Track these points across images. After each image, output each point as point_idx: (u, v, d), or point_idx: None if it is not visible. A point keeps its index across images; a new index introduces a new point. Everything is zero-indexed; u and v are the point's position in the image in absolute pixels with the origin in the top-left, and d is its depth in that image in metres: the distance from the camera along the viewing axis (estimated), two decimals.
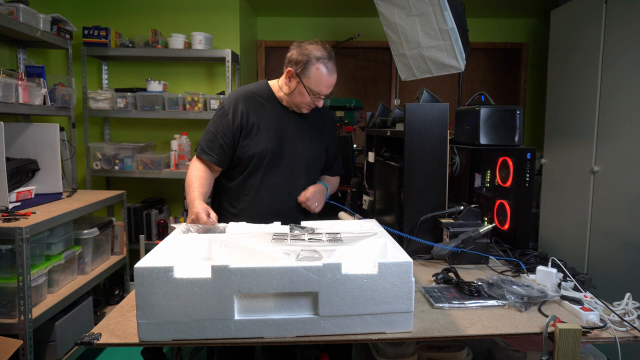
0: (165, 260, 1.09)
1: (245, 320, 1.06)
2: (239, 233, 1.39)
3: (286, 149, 1.83)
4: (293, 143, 1.84)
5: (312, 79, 1.71)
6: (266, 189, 1.81)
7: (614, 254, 2.65)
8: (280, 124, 1.83)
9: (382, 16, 2.83)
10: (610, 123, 2.72)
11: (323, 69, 1.70)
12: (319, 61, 1.70)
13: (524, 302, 1.23)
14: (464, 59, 2.52)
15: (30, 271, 2.06)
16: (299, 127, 1.86)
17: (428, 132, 1.65)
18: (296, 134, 1.85)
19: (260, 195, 1.81)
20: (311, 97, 1.75)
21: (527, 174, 1.72)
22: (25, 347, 2.02)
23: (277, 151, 1.80)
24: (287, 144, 1.83)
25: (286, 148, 1.83)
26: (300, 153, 1.85)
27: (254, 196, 1.81)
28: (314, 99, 1.76)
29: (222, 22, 3.59)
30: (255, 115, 1.80)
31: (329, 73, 1.72)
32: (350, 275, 1.05)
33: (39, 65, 2.79)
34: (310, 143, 1.87)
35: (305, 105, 1.79)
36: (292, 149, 1.83)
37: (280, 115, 1.84)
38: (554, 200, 3.30)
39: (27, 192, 2.47)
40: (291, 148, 1.83)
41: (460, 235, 1.58)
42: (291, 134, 1.84)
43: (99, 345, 1.07)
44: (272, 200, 1.81)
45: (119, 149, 3.38)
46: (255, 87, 1.89)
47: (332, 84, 1.75)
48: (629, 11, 2.59)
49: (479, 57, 4.42)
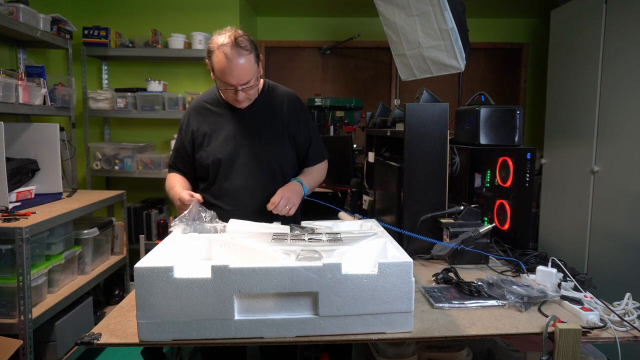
0: (165, 260, 1.09)
1: (245, 320, 1.06)
2: (239, 233, 1.39)
3: (242, 151, 1.74)
4: (249, 143, 1.74)
5: (216, 68, 1.60)
6: (226, 197, 1.75)
7: (614, 254, 2.65)
8: (231, 127, 1.75)
9: (382, 16, 2.83)
10: (610, 123, 2.72)
11: (221, 56, 1.55)
12: (219, 48, 1.56)
13: (524, 302, 1.23)
14: (464, 59, 2.52)
15: (30, 271, 2.06)
16: (253, 125, 1.76)
17: (428, 132, 1.65)
18: (251, 132, 1.75)
19: (222, 204, 1.76)
20: (228, 89, 1.63)
21: (527, 174, 1.72)
22: (25, 347, 2.02)
23: (231, 156, 1.73)
24: (243, 146, 1.74)
25: (242, 150, 1.74)
26: (258, 152, 1.75)
27: (221, 204, 1.77)
28: (232, 91, 1.63)
29: (222, 22, 3.56)
30: (205, 125, 1.76)
31: (227, 60, 1.55)
32: (350, 275, 1.05)
33: (39, 65, 2.79)
34: (269, 138, 1.76)
35: (232, 100, 1.69)
36: (248, 150, 1.74)
37: (229, 117, 1.76)
38: (554, 200, 3.30)
39: (27, 192, 2.47)
40: (247, 149, 1.74)
41: (460, 235, 1.58)
42: (246, 135, 1.75)
43: (99, 345, 1.07)
44: (233, 208, 1.73)
45: (119, 149, 3.38)
46: (206, 94, 1.84)
47: (237, 73, 1.57)
48: (629, 11, 2.59)
49: (479, 57, 4.42)
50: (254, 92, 1.71)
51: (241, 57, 1.57)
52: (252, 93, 1.69)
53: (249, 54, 1.59)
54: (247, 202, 1.75)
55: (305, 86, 4.47)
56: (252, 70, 1.62)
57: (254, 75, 1.64)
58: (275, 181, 1.78)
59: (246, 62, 1.58)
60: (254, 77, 1.64)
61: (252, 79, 1.63)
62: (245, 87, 1.64)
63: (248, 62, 1.59)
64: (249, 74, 1.61)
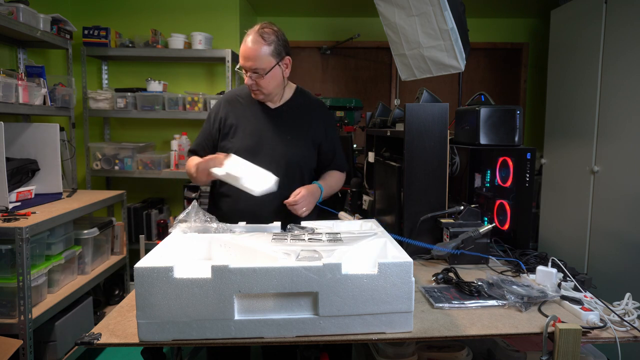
0: (165, 260, 1.09)
1: (245, 320, 1.06)
2: (239, 233, 1.39)
3: (264, 147, 1.77)
4: (273, 141, 1.78)
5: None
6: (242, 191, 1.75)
7: (614, 254, 2.65)
8: (259, 123, 1.80)
9: (382, 16, 2.83)
10: (610, 123, 2.72)
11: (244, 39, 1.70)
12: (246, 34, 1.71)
13: (524, 302, 1.23)
14: (464, 59, 2.52)
15: (30, 271, 2.06)
16: (280, 124, 1.81)
17: (428, 132, 1.65)
18: (276, 131, 1.79)
19: (236, 197, 1.77)
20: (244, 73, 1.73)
21: (527, 174, 1.72)
22: (25, 347, 2.02)
23: (253, 150, 1.76)
24: (266, 143, 1.78)
25: (264, 147, 1.77)
26: (280, 151, 1.78)
27: (232, 198, 1.79)
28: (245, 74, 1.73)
29: (222, 22, 3.59)
30: (234, 117, 1.82)
31: (244, 42, 1.69)
32: (350, 275, 1.05)
33: (39, 65, 2.79)
34: (293, 140, 1.80)
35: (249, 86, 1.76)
36: (271, 148, 1.78)
37: (259, 114, 1.81)
38: (554, 200, 3.30)
39: (27, 192, 2.47)
40: (270, 147, 1.78)
41: (460, 235, 1.58)
42: (271, 132, 1.79)
43: (99, 345, 1.07)
44: (247, 203, 1.74)
45: (119, 149, 3.38)
46: (239, 88, 1.91)
47: (245, 54, 1.68)
48: (629, 11, 2.59)
49: (479, 57, 4.42)
50: (266, 84, 1.73)
51: (255, 42, 1.67)
52: (263, 84, 1.72)
53: (265, 43, 1.67)
54: (265, 198, 1.74)
55: (305, 86, 4.41)
56: (262, 58, 1.68)
57: (264, 64, 1.68)
58: (293, 182, 1.80)
59: (257, 47, 1.66)
60: (263, 67, 1.69)
61: (260, 66, 1.68)
62: (255, 75, 1.69)
63: (260, 48, 1.67)
64: (257, 61, 1.67)
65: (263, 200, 1.74)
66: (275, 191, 1.69)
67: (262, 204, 1.75)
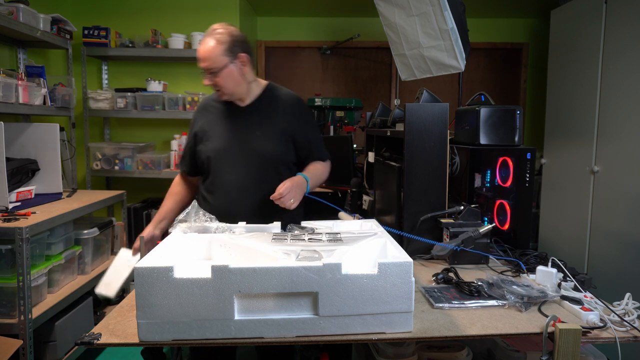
0: (165, 260, 1.09)
1: (245, 320, 1.05)
2: (239, 233, 1.39)
3: (236, 147, 1.78)
4: (243, 140, 1.79)
5: None
6: (217, 191, 1.80)
7: (614, 254, 2.65)
8: (230, 123, 1.82)
9: (382, 16, 2.83)
10: (610, 123, 2.72)
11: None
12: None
13: (524, 302, 1.23)
14: (464, 59, 2.52)
15: (30, 271, 2.06)
16: (250, 122, 1.81)
17: (428, 132, 1.65)
18: (247, 129, 1.80)
19: (214, 198, 1.80)
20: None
21: (527, 174, 1.72)
22: (25, 347, 2.02)
23: (225, 151, 1.78)
24: (237, 142, 1.79)
25: (236, 146, 1.78)
26: (251, 148, 1.78)
27: (211, 199, 1.82)
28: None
29: (222, 22, 3.58)
30: (207, 122, 1.85)
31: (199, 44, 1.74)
32: (350, 275, 1.05)
33: (39, 65, 2.79)
34: (263, 135, 1.80)
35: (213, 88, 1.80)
36: (241, 146, 1.78)
37: (230, 114, 1.83)
38: (554, 200, 3.30)
39: (27, 192, 2.47)
40: (241, 145, 1.78)
41: (460, 235, 1.58)
42: (242, 131, 1.80)
43: (99, 345, 1.07)
44: (223, 202, 1.76)
45: (119, 149, 3.38)
46: (214, 94, 1.92)
47: (199, 55, 1.72)
48: (629, 11, 2.59)
49: (479, 57, 4.42)
50: (224, 83, 1.74)
51: (207, 42, 1.70)
52: (220, 83, 1.74)
53: (218, 43, 1.69)
54: (237, 197, 1.77)
55: (305, 86, 4.47)
56: (214, 57, 1.69)
57: (216, 63, 1.70)
58: (268, 179, 1.78)
59: (209, 47, 1.69)
60: (216, 66, 1.70)
61: (212, 66, 1.70)
62: (211, 75, 1.72)
63: (212, 48, 1.69)
64: (209, 61, 1.70)
65: (234, 198, 1.76)
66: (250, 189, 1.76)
67: (235, 202, 1.76)
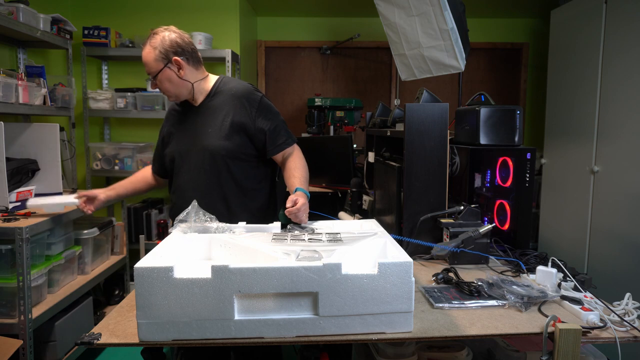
0: (165, 260, 1.09)
1: (245, 320, 1.06)
2: (239, 233, 1.39)
3: (191, 147, 1.81)
4: (197, 138, 1.81)
5: None
6: (178, 191, 1.85)
7: (614, 254, 2.65)
8: (184, 124, 1.86)
9: (382, 16, 2.83)
10: (610, 123, 2.72)
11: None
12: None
13: (524, 302, 1.23)
14: (464, 59, 2.52)
15: (30, 271, 2.06)
16: (203, 120, 1.83)
17: (428, 132, 1.65)
18: (200, 127, 1.82)
19: (175, 198, 1.87)
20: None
21: (527, 174, 1.72)
22: (25, 347, 2.02)
23: (182, 152, 1.83)
24: (192, 142, 1.82)
25: (191, 146, 1.81)
26: (203, 146, 1.79)
27: (173, 200, 1.89)
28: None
29: (222, 22, 3.59)
30: (170, 126, 1.91)
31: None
32: (350, 275, 1.05)
33: (39, 65, 2.79)
34: (213, 132, 1.79)
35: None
36: (195, 145, 1.81)
37: (187, 116, 1.87)
38: (554, 200, 3.30)
39: (27, 192, 2.47)
40: (194, 144, 1.81)
41: (460, 235, 1.58)
42: (195, 130, 1.82)
43: (99, 345, 1.07)
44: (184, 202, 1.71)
45: (119, 149, 3.38)
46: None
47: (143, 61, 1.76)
48: (629, 11, 2.59)
49: (479, 57, 4.42)
50: (164, 86, 1.78)
51: (145, 48, 1.75)
52: (161, 87, 1.79)
53: (151, 49, 1.73)
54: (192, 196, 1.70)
55: (305, 86, 4.47)
56: (150, 63, 1.74)
57: (153, 68, 1.74)
58: (220, 174, 1.78)
59: (146, 53, 1.74)
60: (153, 70, 1.75)
61: (151, 70, 1.75)
62: (155, 80, 1.77)
63: (146, 54, 1.74)
64: (147, 65, 1.75)
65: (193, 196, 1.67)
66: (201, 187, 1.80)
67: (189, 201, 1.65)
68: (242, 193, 1.82)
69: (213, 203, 1.76)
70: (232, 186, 1.80)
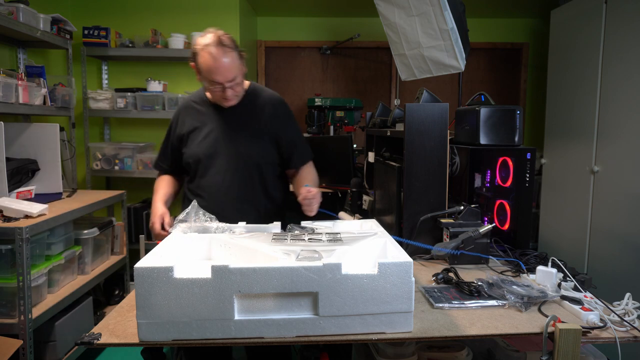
0: (165, 260, 1.09)
1: (245, 320, 1.06)
2: (239, 233, 1.39)
3: (222, 149, 1.79)
4: (228, 142, 1.79)
5: (202, 69, 1.68)
6: (204, 193, 1.81)
7: (614, 254, 2.65)
8: (213, 125, 1.81)
9: (382, 16, 2.83)
10: (610, 123, 2.72)
11: (206, 56, 1.64)
12: (204, 49, 1.65)
13: (524, 302, 1.23)
14: (464, 59, 2.52)
15: (30, 271, 2.05)
16: (234, 123, 1.81)
17: (428, 132, 1.65)
18: (231, 131, 1.80)
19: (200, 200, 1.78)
20: (215, 88, 1.70)
21: (527, 174, 1.72)
22: (25, 347, 2.02)
23: (210, 153, 1.79)
24: (222, 144, 1.79)
25: (221, 148, 1.79)
26: (236, 150, 1.79)
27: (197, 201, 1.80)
28: (220, 89, 1.70)
29: (222, 22, 3.59)
30: (191, 123, 1.84)
31: (213, 59, 1.63)
32: (350, 275, 1.05)
33: (39, 65, 2.79)
34: (248, 137, 1.80)
35: (219, 98, 1.75)
36: (227, 148, 1.79)
37: (213, 116, 1.82)
38: (554, 200, 3.30)
39: (27, 192, 2.47)
40: (226, 147, 1.79)
41: (460, 235, 1.58)
42: (226, 133, 1.80)
43: (99, 345, 1.07)
44: (210, 204, 1.74)
45: (119, 149, 3.38)
46: (194, 94, 1.92)
47: (223, 71, 1.65)
48: (629, 11, 2.59)
49: (479, 57, 4.42)
50: (241, 88, 1.77)
51: (226, 55, 1.65)
52: (239, 90, 1.76)
53: (232, 51, 1.67)
54: (222, 198, 1.78)
55: (305, 86, 4.47)
56: (237, 66, 1.70)
57: (239, 71, 1.72)
58: (252, 180, 1.81)
59: (231, 59, 1.66)
60: (239, 74, 1.72)
61: (237, 75, 1.70)
62: (232, 83, 1.70)
63: (232, 59, 1.67)
64: (234, 71, 1.69)
65: (220, 200, 1.77)
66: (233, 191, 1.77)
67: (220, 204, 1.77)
68: (269, 199, 1.86)
69: (244, 208, 1.77)
70: (261, 192, 1.83)
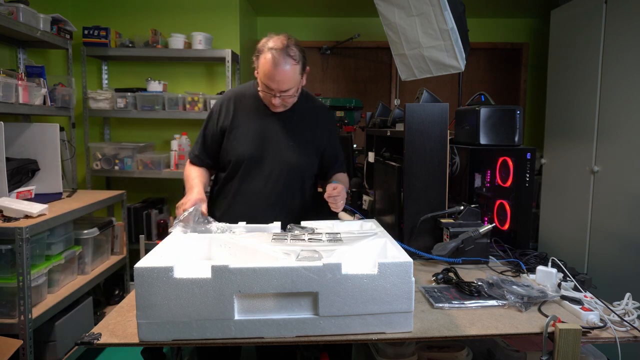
0: (165, 260, 1.09)
1: (245, 320, 1.06)
2: (239, 233, 1.39)
3: (268, 153, 1.72)
4: (276, 147, 1.73)
5: (260, 69, 1.61)
6: (242, 196, 1.75)
7: (614, 254, 2.65)
8: (262, 126, 1.73)
9: (382, 16, 2.83)
10: (610, 123, 2.72)
11: (268, 58, 1.56)
12: (269, 51, 1.57)
13: (524, 302, 1.23)
14: (464, 59, 2.52)
15: (30, 271, 2.05)
16: (284, 129, 1.74)
17: (428, 132, 1.65)
18: (280, 136, 1.73)
19: (236, 202, 1.76)
20: (267, 92, 1.63)
21: (527, 174, 1.72)
22: (25, 347, 2.02)
23: (256, 156, 1.72)
24: (269, 148, 1.73)
25: (268, 153, 1.72)
26: (282, 158, 1.73)
27: (230, 202, 1.77)
28: (271, 95, 1.63)
29: (222, 22, 3.59)
30: (238, 118, 1.75)
31: (273, 65, 1.55)
32: (350, 275, 1.05)
33: (39, 65, 2.79)
34: (296, 146, 1.74)
35: (268, 102, 1.68)
36: (274, 154, 1.73)
37: (263, 116, 1.74)
38: (554, 200, 3.30)
39: (27, 192, 2.47)
40: (273, 153, 1.73)
41: (460, 235, 1.58)
42: (274, 137, 1.73)
43: (99, 345, 1.07)
44: (247, 208, 1.72)
45: (119, 149, 3.38)
46: (245, 87, 1.82)
47: (279, 79, 1.58)
48: (629, 11, 2.59)
49: (479, 57, 4.42)
50: (292, 100, 1.71)
51: (287, 65, 1.57)
52: (290, 102, 1.70)
53: (296, 64, 1.60)
54: (262, 204, 1.74)
55: (305, 86, 4.47)
56: (295, 80, 1.63)
57: (296, 85, 1.65)
58: (294, 189, 1.78)
59: (291, 70, 1.59)
60: (294, 87, 1.65)
61: (292, 88, 1.64)
62: (284, 94, 1.64)
63: (293, 71, 1.59)
64: (291, 83, 1.62)
65: (260, 206, 1.73)
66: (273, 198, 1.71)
67: (260, 208, 1.73)
68: (303, 207, 1.83)
69: (278, 213, 1.70)
70: (299, 200, 1.80)
